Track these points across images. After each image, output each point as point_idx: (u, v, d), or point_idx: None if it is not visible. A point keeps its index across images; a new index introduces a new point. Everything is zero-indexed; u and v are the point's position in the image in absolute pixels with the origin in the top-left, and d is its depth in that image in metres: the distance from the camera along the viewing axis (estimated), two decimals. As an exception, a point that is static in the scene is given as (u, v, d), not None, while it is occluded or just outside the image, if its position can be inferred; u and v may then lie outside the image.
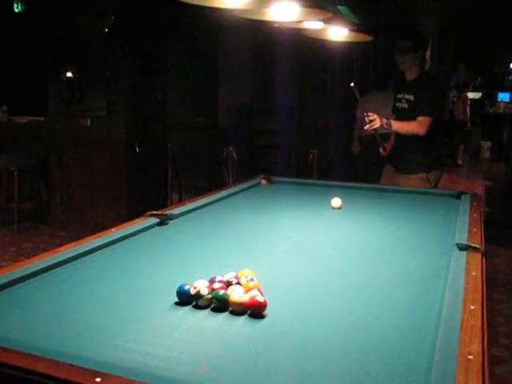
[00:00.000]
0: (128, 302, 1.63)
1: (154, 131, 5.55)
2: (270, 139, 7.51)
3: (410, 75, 3.73)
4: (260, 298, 1.55)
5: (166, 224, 2.54)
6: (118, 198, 5.39)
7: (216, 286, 1.64)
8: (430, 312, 1.61)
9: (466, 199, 3.11)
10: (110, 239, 2.20)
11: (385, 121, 3.39)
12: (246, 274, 1.75)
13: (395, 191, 3.49)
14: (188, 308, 1.60)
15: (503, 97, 11.93)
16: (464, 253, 2.07)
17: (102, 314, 1.54)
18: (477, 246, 2.14)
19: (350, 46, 5.84)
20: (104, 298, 1.67)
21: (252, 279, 1.70)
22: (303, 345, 1.38)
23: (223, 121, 7.72)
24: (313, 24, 2.44)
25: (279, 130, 7.31)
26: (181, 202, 5.81)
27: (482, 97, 12.73)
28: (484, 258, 2.03)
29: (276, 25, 2.65)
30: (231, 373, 1.23)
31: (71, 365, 1.19)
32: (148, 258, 2.06)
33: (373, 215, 2.88)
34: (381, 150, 3.84)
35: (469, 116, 10.55)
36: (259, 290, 1.62)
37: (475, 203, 2.98)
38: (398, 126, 3.48)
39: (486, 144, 11.62)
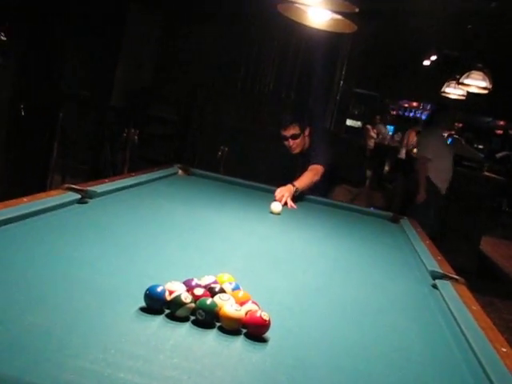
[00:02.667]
0: (77, 303, 1.19)
1: (45, 96, 4.88)
2: (165, 129, 7.06)
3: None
4: (265, 316, 1.20)
5: (87, 203, 2.10)
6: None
7: (198, 292, 1.27)
8: (449, 350, 1.36)
9: (406, 224, 2.98)
10: (23, 212, 1.71)
11: (293, 189, 3.15)
12: (226, 279, 1.40)
13: (325, 204, 3.30)
14: (161, 318, 1.20)
15: (388, 129, 12.50)
16: (447, 283, 1.88)
17: (44, 317, 1.09)
18: (455, 276, 1.97)
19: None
20: (40, 293, 1.21)
21: (238, 287, 1.35)
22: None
23: (116, 101, 7.13)
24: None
25: (176, 120, 6.92)
26: (64, 182, 5.18)
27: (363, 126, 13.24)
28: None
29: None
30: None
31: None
32: (80, 243, 1.62)
33: (316, 226, 2.68)
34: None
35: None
36: (256, 304, 1.27)
37: (419, 229, 2.86)
38: (303, 185, 3.26)
39: (367, 173, 12.05)
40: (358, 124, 13.59)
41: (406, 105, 13.12)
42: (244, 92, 6.29)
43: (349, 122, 11.75)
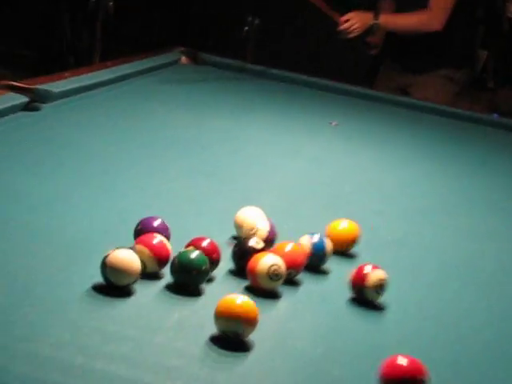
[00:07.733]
0: (21, 261, 1.26)
1: None
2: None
3: None
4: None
5: (37, 109, 2.19)
6: None
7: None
8: None
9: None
10: None
11: (370, 20, 3.22)
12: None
13: (408, 105, 3.42)
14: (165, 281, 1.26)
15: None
16: None
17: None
18: None
19: None
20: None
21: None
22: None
23: None
24: None
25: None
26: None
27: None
28: None
29: None
30: None
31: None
32: (27, 172, 1.73)
33: (411, 148, 2.82)
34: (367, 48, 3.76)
35: None
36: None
37: None
38: (392, 22, 3.36)
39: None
40: None
41: None
42: None
43: None
